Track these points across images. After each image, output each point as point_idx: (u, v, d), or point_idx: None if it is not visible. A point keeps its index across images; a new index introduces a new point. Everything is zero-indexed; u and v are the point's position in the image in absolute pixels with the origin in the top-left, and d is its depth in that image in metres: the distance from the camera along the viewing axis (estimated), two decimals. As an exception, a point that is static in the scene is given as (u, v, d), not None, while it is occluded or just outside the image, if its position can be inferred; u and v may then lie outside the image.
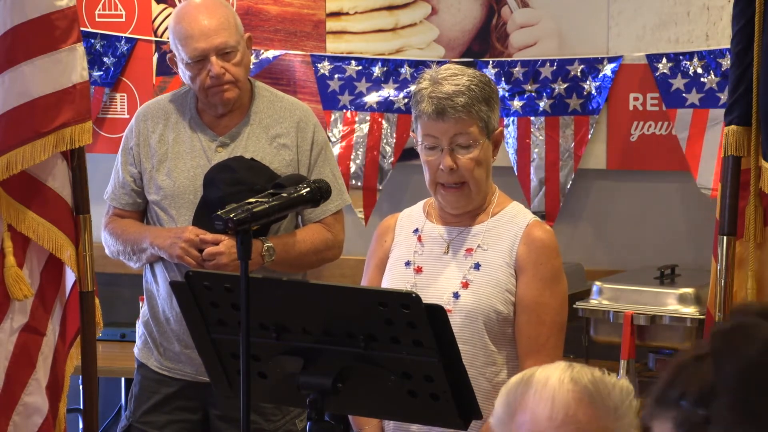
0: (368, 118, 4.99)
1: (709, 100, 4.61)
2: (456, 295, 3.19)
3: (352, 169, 4.98)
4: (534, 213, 4.72)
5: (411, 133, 3.33)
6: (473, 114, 3.17)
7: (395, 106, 4.94)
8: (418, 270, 3.26)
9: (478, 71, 3.26)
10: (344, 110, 5.01)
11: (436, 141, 3.19)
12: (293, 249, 3.91)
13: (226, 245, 3.79)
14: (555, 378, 2.10)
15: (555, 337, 3.20)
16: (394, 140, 4.96)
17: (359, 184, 4.99)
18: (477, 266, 3.21)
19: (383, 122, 4.98)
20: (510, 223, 3.25)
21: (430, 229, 3.31)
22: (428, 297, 2.89)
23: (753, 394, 1.27)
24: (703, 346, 1.36)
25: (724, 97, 4.52)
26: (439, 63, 4.83)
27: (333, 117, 5.02)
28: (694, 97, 4.62)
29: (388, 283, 3.29)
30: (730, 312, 1.32)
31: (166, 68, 5.07)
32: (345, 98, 5.01)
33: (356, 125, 4.99)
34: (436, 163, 3.20)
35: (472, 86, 3.17)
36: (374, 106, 4.97)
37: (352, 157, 4.99)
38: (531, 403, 2.09)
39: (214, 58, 3.87)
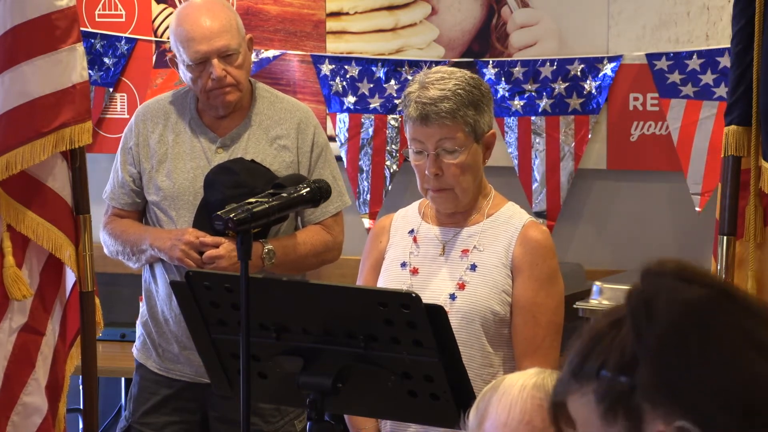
0: (373, 120, 4.99)
1: (704, 93, 4.61)
2: (452, 297, 3.18)
3: (360, 173, 4.99)
4: (535, 213, 4.78)
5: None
6: (458, 119, 3.15)
7: (399, 108, 4.94)
8: (414, 271, 3.25)
9: (470, 73, 3.23)
10: (348, 112, 5.01)
11: (422, 146, 3.19)
12: (293, 252, 3.91)
13: (225, 248, 3.79)
14: (518, 384, 2.09)
15: (551, 337, 3.20)
16: (399, 141, 4.96)
17: (367, 187, 4.99)
18: (473, 267, 3.21)
19: (388, 124, 4.98)
20: (506, 224, 3.25)
21: (425, 230, 3.30)
22: (424, 298, 2.89)
23: (676, 357, 1.25)
24: (618, 311, 1.33)
25: (719, 91, 4.53)
26: (439, 63, 4.83)
27: (339, 118, 5.03)
28: (689, 90, 4.62)
29: (383, 284, 3.28)
30: (643, 273, 1.26)
31: (163, 63, 5.07)
32: (349, 100, 5.01)
33: (362, 128, 5.00)
34: (423, 167, 3.19)
35: (459, 90, 3.15)
36: (378, 108, 4.98)
37: (359, 161, 4.99)
38: (493, 410, 2.08)
39: (215, 61, 3.87)
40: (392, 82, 4.96)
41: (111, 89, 5.27)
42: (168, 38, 4.03)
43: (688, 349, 1.25)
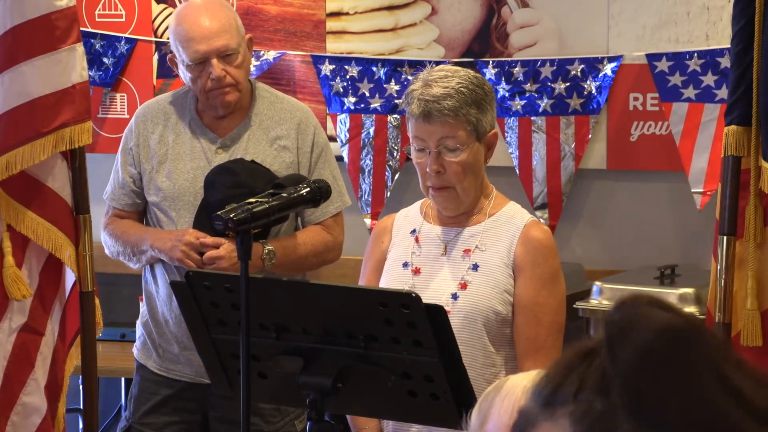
0: (374, 120, 4.99)
1: (706, 95, 4.61)
2: (454, 297, 3.18)
3: (361, 174, 4.99)
4: (536, 213, 4.78)
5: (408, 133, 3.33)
6: (460, 117, 3.15)
7: (399, 107, 4.94)
8: (416, 271, 3.25)
9: (473, 72, 3.24)
10: (349, 113, 5.01)
11: (424, 143, 3.19)
12: (293, 252, 3.91)
13: (226, 249, 3.78)
14: (521, 386, 2.08)
15: (553, 337, 3.19)
16: (400, 141, 4.97)
17: (368, 187, 4.99)
18: (475, 267, 3.20)
19: (388, 124, 4.98)
20: (508, 224, 3.25)
21: (427, 229, 3.30)
22: (426, 298, 2.90)
23: (650, 379, 1.27)
24: (589, 342, 1.35)
25: (720, 93, 4.53)
26: (439, 63, 4.83)
27: (339, 119, 5.03)
28: (690, 92, 4.62)
29: (385, 284, 3.28)
30: (617, 304, 1.30)
31: (167, 70, 5.06)
32: (349, 100, 5.01)
33: (363, 128, 5.00)
34: (424, 165, 3.19)
35: (462, 89, 3.15)
36: (378, 108, 4.98)
37: (361, 161, 5.00)
38: (495, 412, 2.07)
39: (215, 61, 3.87)
40: (392, 82, 4.96)
41: (109, 89, 5.27)
42: (168, 38, 4.02)
43: (662, 372, 1.27)
